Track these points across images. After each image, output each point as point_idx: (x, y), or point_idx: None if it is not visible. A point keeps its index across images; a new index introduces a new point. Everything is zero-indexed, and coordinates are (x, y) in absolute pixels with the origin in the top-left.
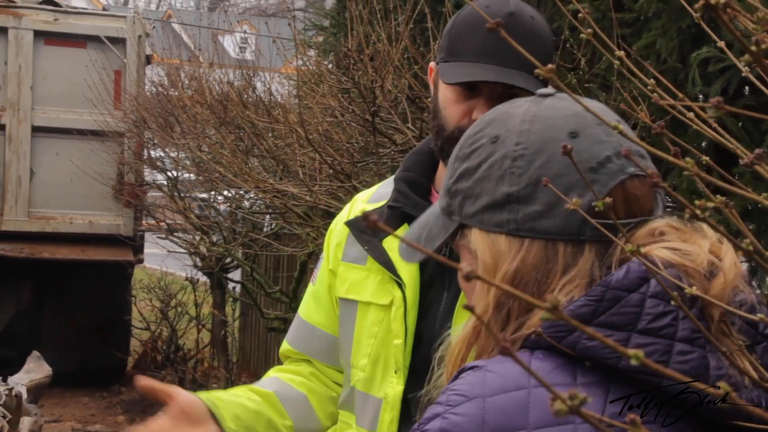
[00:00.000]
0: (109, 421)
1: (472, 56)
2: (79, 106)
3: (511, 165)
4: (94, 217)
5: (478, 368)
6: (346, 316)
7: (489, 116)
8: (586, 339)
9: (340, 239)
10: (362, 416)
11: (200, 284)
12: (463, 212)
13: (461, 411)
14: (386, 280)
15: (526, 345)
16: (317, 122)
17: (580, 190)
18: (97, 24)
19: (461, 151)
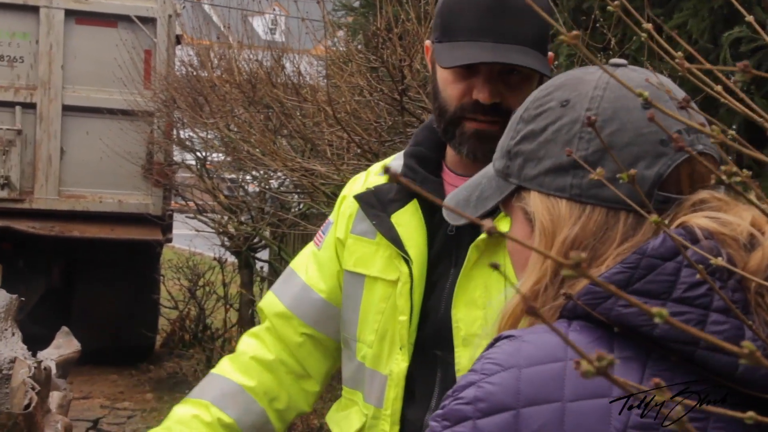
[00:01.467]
0: (138, 399)
1: (468, 35)
2: (110, 86)
3: (580, 130)
4: (124, 196)
5: (514, 338)
6: (352, 289)
7: (559, 80)
8: (621, 306)
9: (352, 210)
10: (370, 393)
11: (227, 264)
12: (522, 174)
13: (496, 380)
14: (394, 255)
15: (564, 315)
16: (345, 101)
17: (648, 161)
18: (127, 3)
19: (526, 113)
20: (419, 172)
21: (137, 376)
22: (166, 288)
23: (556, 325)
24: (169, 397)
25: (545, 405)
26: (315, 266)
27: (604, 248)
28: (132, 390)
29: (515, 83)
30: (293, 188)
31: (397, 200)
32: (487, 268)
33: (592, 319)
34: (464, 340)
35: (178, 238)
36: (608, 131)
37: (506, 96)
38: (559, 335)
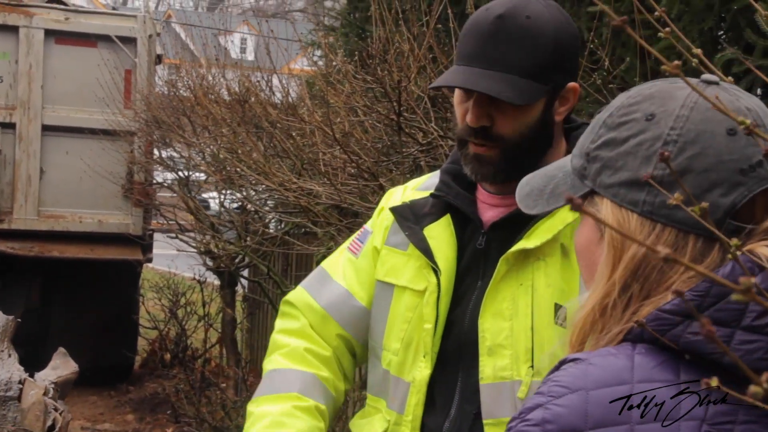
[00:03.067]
0: (118, 420)
1: (464, 60)
2: (90, 105)
3: (661, 148)
4: (104, 216)
5: (580, 360)
6: (381, 298)
7: (649, 90)
8: (690, 333)
9: (388, 223)
10: (393, 400)
11: (207, 284)
12: (598, 180)
13: (564, 402)
14: (424, 266)
15: (629, 338)
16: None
17: (724, 189)
18: (107, 23)
19: (611, 119)
20: (453, 187)
21: (117, 397)
22: (145, 308)
23: (620, 348)
24: (150, 417)
25: (613, 427)
26: (353, 273)
27: (669, 269)
28: (112, 411)
29: (506, 110)
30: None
31: (431, 214)
32: (515, 281)
33: (657, 343)
34: (489, 350)
35: (159, 258)
36: (688, 154)
37: (499, 121)
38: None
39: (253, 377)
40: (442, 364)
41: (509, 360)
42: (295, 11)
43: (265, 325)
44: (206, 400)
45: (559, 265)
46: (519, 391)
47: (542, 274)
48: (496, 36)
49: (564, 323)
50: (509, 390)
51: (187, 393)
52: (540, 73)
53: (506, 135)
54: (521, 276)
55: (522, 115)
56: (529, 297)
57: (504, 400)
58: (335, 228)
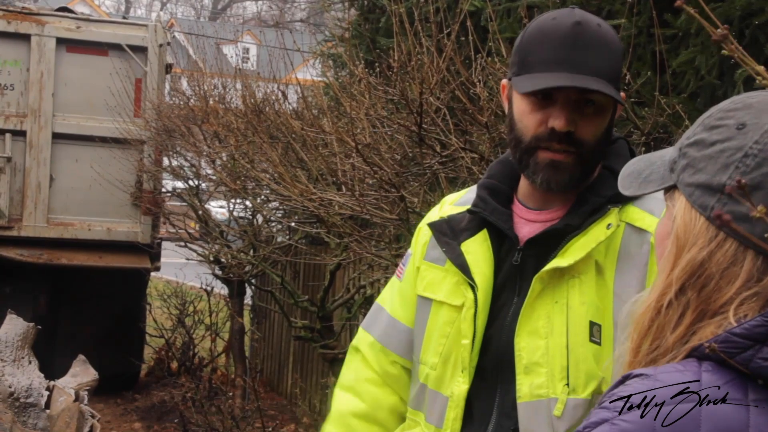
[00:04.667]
0: (125, 428)
1: (544, 66)
2: (100, 114)
3: (741, 159)
4: (113, 224)
5: (645, 376)
6: (421, 313)
7: (751, 100)
8: (760, 358)
9: (426, 239)
10: (431, 414)
11: (214, 294)
12: (681, 176)
13: (631, 418)
14: (461, 282)
15: (695, 355)
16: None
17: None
18: (119, 32)
19: (708, 120)
20: (489, 202)
21: (123, 405)
22: (152, 316)
23: (686, 365)
24: (158, 426)
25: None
26: (398, 297)
27: (726, 284)
28: (119, 419)
29: (590, 114)
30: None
31: (467, 229)
32: (551, 299)
33: (725, 363)
34: (526, 368)
35: (166, 267)
36: (764, 171)
37: (581, 126)
38: None
39: (260, 387)
40: (481, 380)
41: (545, 378)
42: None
43: (272, 333)
44: (215, 409)
45: (593, 282)
46: (555, 409)
47: (577, 291)
48: (577, 41)
49: (599, 340)
50: (545, 408)
51: (195, 401)
52: (616, 78)
53: (587, 140)
54: (556, 294)
55: (601, 121)
56: (564, 315)
57: (540, 418)
58: (352, 239)
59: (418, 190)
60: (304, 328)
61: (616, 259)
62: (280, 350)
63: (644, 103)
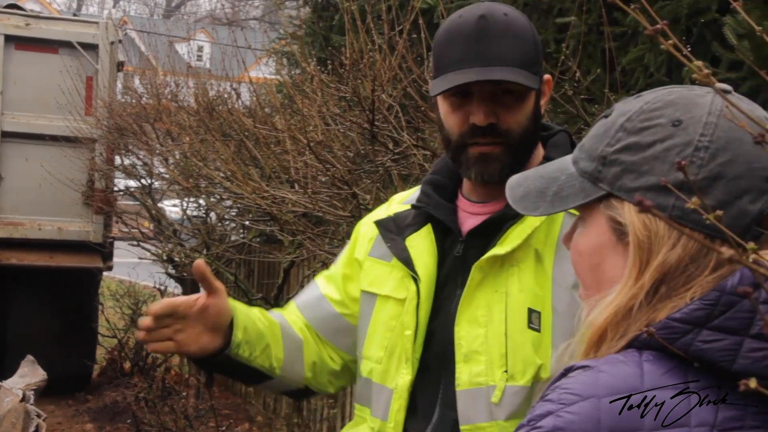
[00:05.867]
0: (77, 429)
1: (454, 65)
2: (51, 112)
3: (692, 154)
4: (64, 223)
5: (589, 368)
6: (366, 308)
7: (669, 96)
8: (701, 341)
9: (372, 235)
10: (377, 408)
11: (168, 293)
12: (618, 184)
13: (575, 410)
14: (405, 275)
15: (635, 345)
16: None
17: (753, 196)
18: (69, 29)
19: (629, 123)
20: (433, 197)
21: (75, 405)
22: (105, 316)
23: (627, 355)
24: (110, 426)
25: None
26: (332, 284)
27: (696, 274)
28: (71, 420)
29: (510, 103)
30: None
31: (412, 225)
32: (491, 288)
33: (665, 350)
34: (465, 357)
35: (119, 266)
36: (720, 161)
37: (503, 116)
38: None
39: (214, 386)
40: (425, 372)
41: (484, 366)
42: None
43: None
44: (168, 409)
45: (532, 270)
46: (493, 396)
47: (516, 279)
48: (484, 34)
49: (538, 327)
50: (484, 395)
51: (148, 401)
52: (530, 63)
53: (512, 129)
54: (496, 283)
55: (523, 108)
56: (503, 303)
57: (479, 405)
58: (305, 236)
59: (370, 187)
60: None
61: (555, 246)
62: None
63: (594, 100)
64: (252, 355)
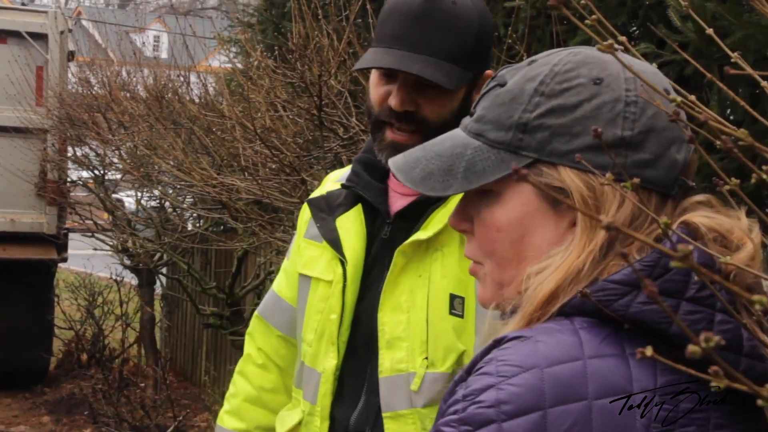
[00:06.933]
0: (34, 422)
1: (387, 42)
2: (1, 103)
3: (624, 109)
4: (17, 215)
5: (525, 338)
6: (302, 291)
7: (577, 57)
8: (639, 303)
9: (308, 216)
10: (308, 390)
11: (124, 284)
12: (548, 149)
13: (518, 381)
14: (333, 257)
15: (565, 310)
16: (261, 116)
17: (678, 145)
18: (17, 19)
19: (546, 87)
20: (363, 177)
21: (32, 398)
22: (61, 308)
23: (560, 323)
24: (67, 419)
25: (572, 404)
26: (284, 276)
27: (642, 228)
28: (27, 413)
29: (432, 95)
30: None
31: (343, 205)
32: (414, 273)
33: (597, 316)
34: (388, 343)
35: (74, 258)
36: (650, 114)
37: (423, 106)
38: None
39: (173, 376)
40: (352, 356)
41: (406, 352)
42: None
43: (184, 322)
44: (125, 400)
45: (456, 255)
46: (413, 384)
47: (439, 265)
48: (422, 19)
49: (461, 313)
50: (404, 382)
51: (105, 393)
52: (464, 59)
53: (431, 120)
54: (420, 267)
55: (447, 102)
56: (426, 289)
57: (399, 392)
58: (256, 224)
59: (320, 173)
60: (213, 315)
61: None
62: (194, 339)
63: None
64: None
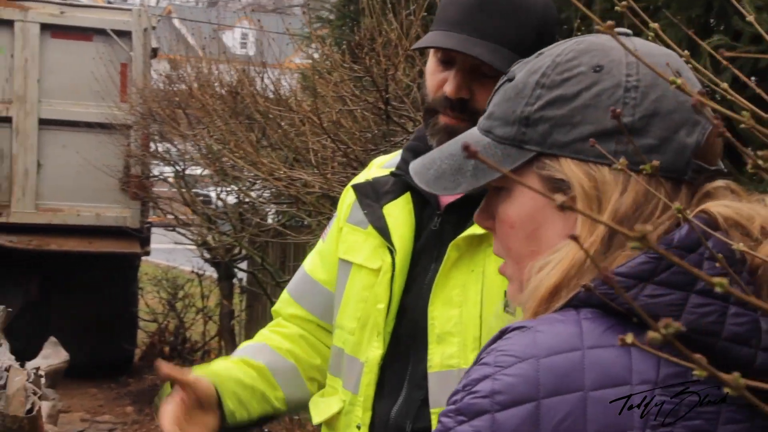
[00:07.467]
0: (118, 412)
1: (446, 25)
2: (86, 99)
3: (623, 95)
4: (101, 209)
5: (526, 329)
6: (341, 276)
7: (579, 46)
8: (646, 296)
9: (351, 201)
10: (348, 380)
11: (206, 277)
12: (549, 141)
13: (514, 372)
14: (380, 245)
15: (572, 303)
16: (329, 110)
17: (688, 128)
18: (103, 17)
19: (546, 79)
20: None
21: (117, 389)
22: (144, 301)
23: (565, 314)
24: (149, 409)
25: (567, 395)
26: (318, 258)
27: (651, 214)
28: (112, 403)
29: (488, 84)
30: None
31: (391, 192)
32: (467, 267)
33: (604, 308)
34: (438, 338)
35: (157, 252)
36: (653, 97)
37: (478, 94)
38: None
39: None
40: (395, 347)
41: (457, 348)
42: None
43: (263, 316)
44: None
45: None
46: None
47: (493, 260)
48: (484, 5)
49: (514, 311)
50: (456, 378)
51: None
52: (524, 49)
53: (483, 109)
54: (473, 262)
55: None
56: (480, 284)
57: (450, 388)
58: (325, 218)
59: None
60: None
61: None
62: None
63: None
64: (251, 412)
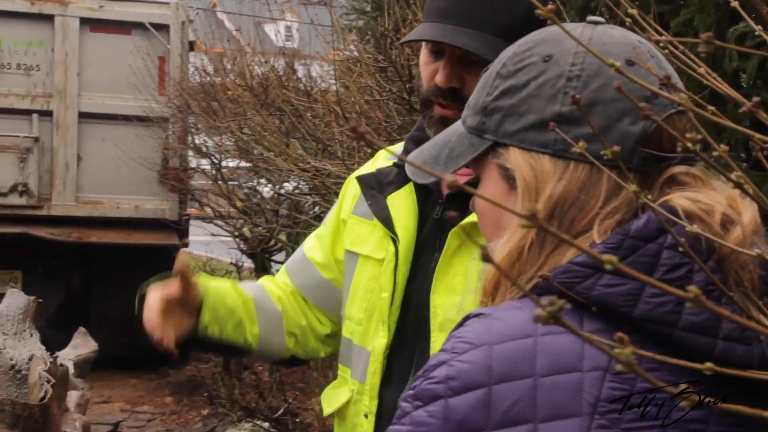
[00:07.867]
0: (157, 402)
1: (434, 16)
2: (125, 92)
3: (565, 85)
4: (140, 201)
5: (484, 316)
6: (349, 268)
7: (539, 36)
8: (602, 285)
9: (356, 192)
10: (356, 369)
11: (245, 269)
12: (501, 130)
13: (467, 358)
14: (385, 235)
15: (535, 292)
16: (354, 101)
17: (633, 117)
18: (141, 11)
19: (504, 69)
20: None
21: (156, 380)
22: None
23: (523, 302)
24: (188, 400)
25: (518, 381)
26: (317, 241)
27: (590, 205)
28: (151, 394)
29: (479, 72)
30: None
31: (394, 182)
32: (468, 255)
33: (565, 296)
34: (441, 326)
35: (195, 244)
36: (594, 86)
37: (468, 82)
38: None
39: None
40: (402, 337)
41: None
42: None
43: None
44: (239, 383)
45: None
46: None
47: None
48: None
49: None
50: None
51: (222, 376)
52: (513, 35)
53: None
54: (474, 250)
55: None
56: None
57: None
58: None
59: None
60: None
61: None
62: None
63: None
64: (223, 333)
